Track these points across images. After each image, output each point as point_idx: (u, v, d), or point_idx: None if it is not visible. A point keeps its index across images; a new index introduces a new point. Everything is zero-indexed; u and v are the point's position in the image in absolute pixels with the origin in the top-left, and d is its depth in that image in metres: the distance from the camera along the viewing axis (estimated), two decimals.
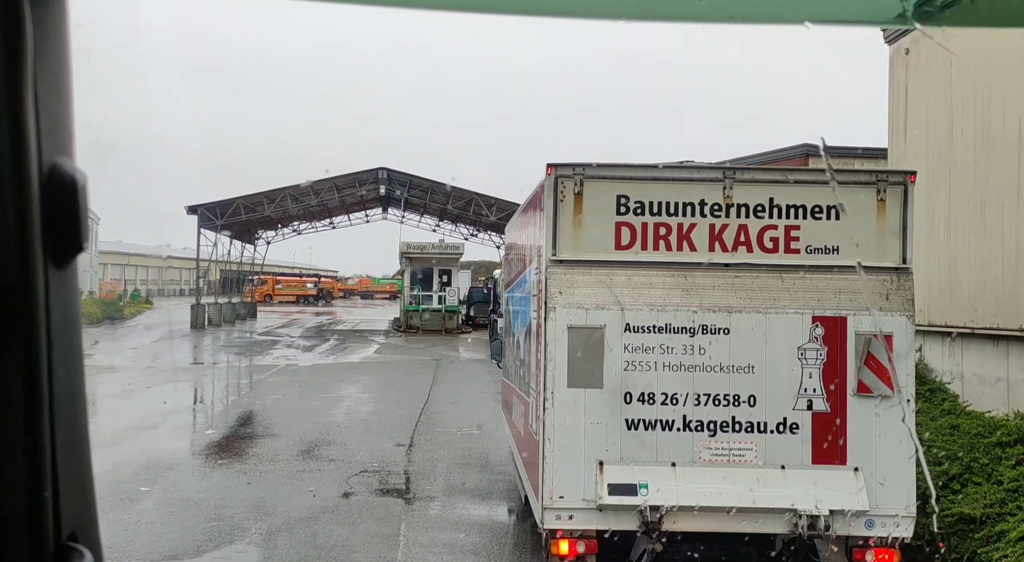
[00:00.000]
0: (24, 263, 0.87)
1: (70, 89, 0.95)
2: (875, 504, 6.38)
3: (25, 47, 0.86)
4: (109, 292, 58.55)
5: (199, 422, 17.86)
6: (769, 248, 6.68)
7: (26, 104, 0.87)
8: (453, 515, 10.28)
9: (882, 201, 6.63)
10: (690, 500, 6.37)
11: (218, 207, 41.21)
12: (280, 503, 10.57)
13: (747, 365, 6.57)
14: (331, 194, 43.55)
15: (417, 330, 40.98)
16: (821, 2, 1.26)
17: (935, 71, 12.63)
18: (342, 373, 24.54)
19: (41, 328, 0.89)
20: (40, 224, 0.88)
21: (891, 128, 13.95)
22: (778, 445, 6.51)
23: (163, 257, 78.23)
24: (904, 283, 6.62)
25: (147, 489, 11.20)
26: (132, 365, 25.92)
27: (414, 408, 17.81)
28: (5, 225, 0.86)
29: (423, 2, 1.16)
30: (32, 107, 0.87)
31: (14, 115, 0.86)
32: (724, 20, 1.30)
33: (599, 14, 1.28)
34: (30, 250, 0.88)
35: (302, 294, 71.48)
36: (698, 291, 6.65)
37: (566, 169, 6.72)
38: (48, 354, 0.90)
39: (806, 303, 6.60)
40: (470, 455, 13.41)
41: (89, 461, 1.01)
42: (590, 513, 6.48)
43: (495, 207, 40.94)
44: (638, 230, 6.70)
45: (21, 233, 0.87)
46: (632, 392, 6.56)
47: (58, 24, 0.93)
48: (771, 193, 6.70)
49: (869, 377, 6.54)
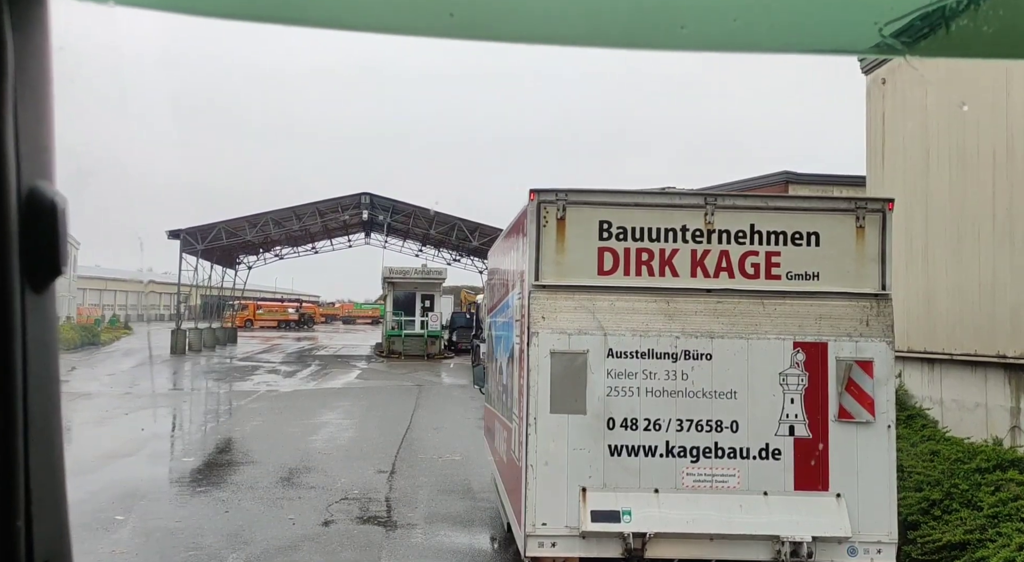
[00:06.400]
0: (1, 286, 0.86)
1: (51, 113, 0.95)
2: (857, 530, 6.38)
3: (6, 70, 0.86)
4: (87, 317, 57.88)
5: (177, 449, 17.60)
6: (751, 274, 6.73)
7: (6, 127, 0.86)
8: (435, 543, 10.16)
9: (861, 228, 6.70)
10: (673, 527, 6.34)
11: (199, 232, 41.01)
12: (259, 531, 10.40)
13: (729, 390, 6.58)
14: (313, 219, 43.48)
15: (399, 355, 40.78)
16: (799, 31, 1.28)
17: (911, 100, 12.86)
18: (323, 399, 24.32)
19: (17, 353, 0.88)
20: (18, 247, 0.87)
21: (869, 156, 14.16)
22: (761, 471, 6.51)
23: (144, 282, 77.54)
24: (884, 309, 6.68)
25: (123, 518, 10.99)
26: (109, 391, 25.56)
27: (396, 434, 17.66)
28: None
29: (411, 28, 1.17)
30: (12, 130, 0.87)
31: None
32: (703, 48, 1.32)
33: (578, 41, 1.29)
34: (7, 273, 0.87)
35: (283, 319, 71.04)
36: (680, 316, 6.67)
37: (549, 194, 6.75)
38: (24, 379, 0.88)
39: (787, 329, 6.64)
40: (452, 482, 13.29)
41: (64, 489, 0.99)
42: (573, 540, 6.43)
43: (478, 232, 41.04)
44: (621, 255, 6.73)
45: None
46: (615, 418, 6.54)
47: (40, 48, 0.92)
48: (752, 219, 6.76)
49: (850, 403, 6.57)
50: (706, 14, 1.25)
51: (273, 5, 1.17)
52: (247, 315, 66.44)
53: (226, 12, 1.18)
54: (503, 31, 1.23)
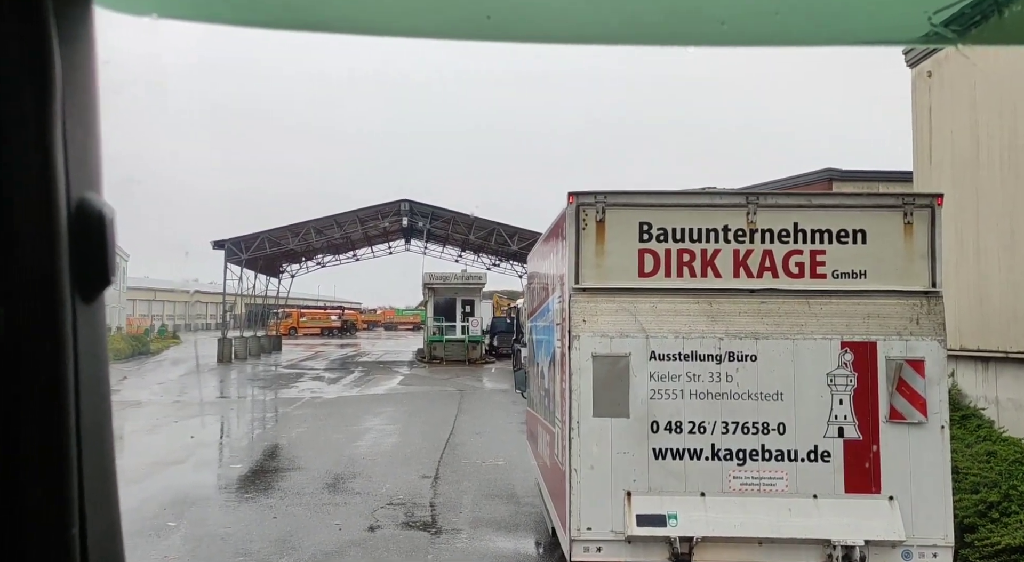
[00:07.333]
0: (52, 297, 0.88)
1: (98, 125, 0.96)
2: (912, 534, 6.22)
3: (55, 84, 0.87)
4: (136, 327, 59.21)
5: (225, 456, 17.88)
6: (795, 273, 6.62)
7: (55, 139, 0.88)
8: (480, 548, 10.17)
9: (909, 224, 6.56)
10: (720, 531, 6.25)
11: (243, 241, 41.72)
12: (306, 537, 10.52)
13: (776, 392, 6.48)
14: (354, 226, 43.95)
15: (441, 361, 40.96)
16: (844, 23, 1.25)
17: (959, 92, 12.55)
18: (367, 405, 24.53)
19: (68, 363, 0.89)
20: (68, 258, 0.89)
21: (915, 150, 13.84)
22: (809, 473, 6.39)
23: (190, 292, 79.11)
24: (934, 307, 6.52)
25: (174, 524, 11.20)
26: (159, 399, 26.10)
27: (439, 439, 17.73)
28: (33, 259, 0.87)
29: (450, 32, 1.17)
30: (61, 142, 0.88)
31: (43, 150, 0.87)
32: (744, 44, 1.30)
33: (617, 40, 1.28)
34: (58, 284, 0.88)
35: (326, 326, 71.83)
36: (724, 317, 6.59)
37: (587, 197, 6.72)
38: (75, 389, 0.90)
39: (834, 328, 6.52)
40: (496, 487, 13.29)
41: (116, 496, 1.00)
42: (618, 545, 6.38)
43: (516, 236, 41.08)
44: (661, 257, 6.67)
45: (49, 267, 0.87)
46: (659, 421, 6.48)
47: (86, 62, 0.94)
48: (795, 218, 6.66)
49: (901, 403, 6.42)
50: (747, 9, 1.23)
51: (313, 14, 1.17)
52: (291, 323, 67.34)
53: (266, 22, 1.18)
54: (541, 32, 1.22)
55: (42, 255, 0.87)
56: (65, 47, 0.89)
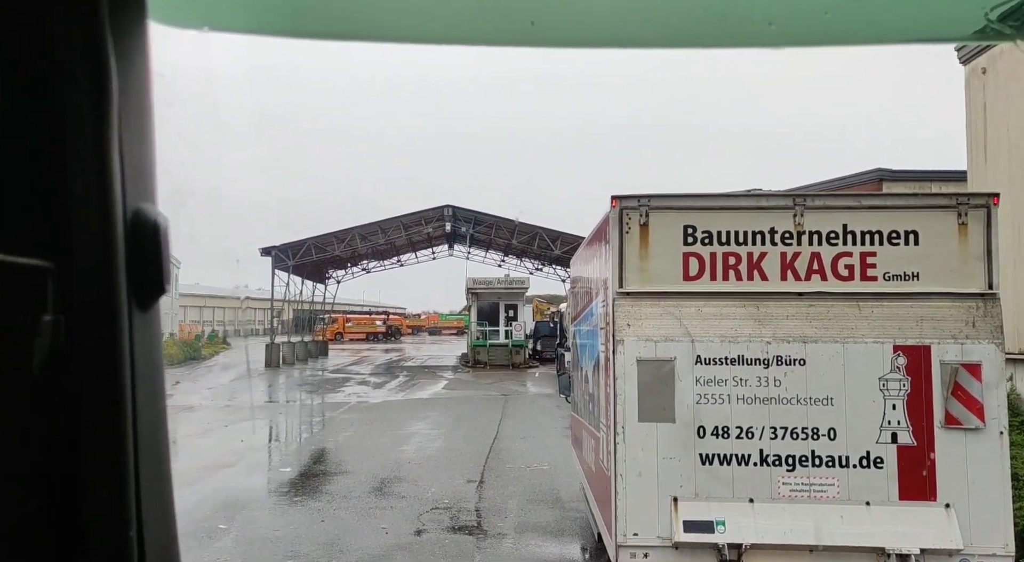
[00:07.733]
0: (109, 305, 0.90)
1: (152, 137, 0.98)
2: (969, 543, 6.05)
3: (111, 97, 0.90)
4: (188, 333, 60.50)
5: (275, 460, 18.16)
6: (844, 276, 6.49)
7: (112, 151, 0.90)
8: (525, 553, 10.15)
9: (963, 225, 6.38)
10: (770, 538, 6.15)
11: (290, 248, 42.38)
12: (354, 540, 10.62)
13: (825, 397, 6.35)
14: (398, 232, 44.34)
15: (484, 365, 41.07)
16: (896, 21, 1.22)
17: (1015, 88, 12.19)
18: (412, 409, 24.70)
19: (125, 369, 0.91)
20: (125, 268, 0.91)
21: (969, 148, 13.48)
22: (862, 480, 6.25)
23: (240, 298, 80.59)
24: (991, 309, 6.34)
25: (226, 527, 11.40)
26: (210, 404, 26.62)
27: (483, 444, 17.76)
28: (92, 269, 0.89)
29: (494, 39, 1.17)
30: (117, 154, 0.91)
31: (101, 162, 0.89)
32: (793, 44, 1.28)
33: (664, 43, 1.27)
34: (115, 292, 0.90)
35: (372, 331, 72.58)
36: (771, 321, 6.49)
37: (631, 200, 6.68)
38: (132, 394, 0.92)
39: (886, 332, 6.37)
40: (541, 491, 13.26)
41: (171, 499, 1.02)
42: (666, 551, 6.31)
43: (559, 241, 41.03)
44: (706, 260, 6.60)
45: (107, 277, 0.90)
46: (705, 426, 6.40)
47: (141, 74, 0.96)
48: (844, 219, 6.53)
49: (957, 408, 6.25)
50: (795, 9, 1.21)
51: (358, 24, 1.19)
52: (337, 328, 68.19)
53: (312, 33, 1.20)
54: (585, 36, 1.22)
55: (100, 265, 0.89)
56: (121, 61, 0.91)
